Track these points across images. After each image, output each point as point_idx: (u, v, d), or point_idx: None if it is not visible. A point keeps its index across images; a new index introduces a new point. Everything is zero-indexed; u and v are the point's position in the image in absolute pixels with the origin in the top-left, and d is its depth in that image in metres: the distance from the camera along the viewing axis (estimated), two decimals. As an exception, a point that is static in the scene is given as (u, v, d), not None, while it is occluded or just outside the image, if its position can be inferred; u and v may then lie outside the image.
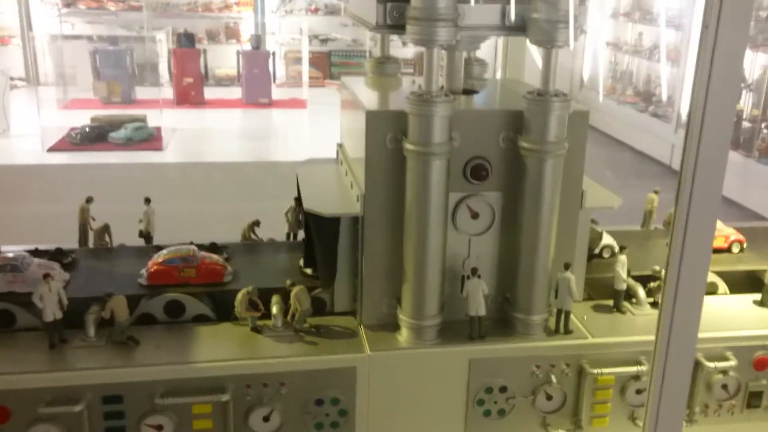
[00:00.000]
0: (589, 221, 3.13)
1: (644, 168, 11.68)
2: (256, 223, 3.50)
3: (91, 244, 3.44)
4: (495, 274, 2.95)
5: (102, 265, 3.28)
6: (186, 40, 9.39)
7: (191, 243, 3.19)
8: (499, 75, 4.15)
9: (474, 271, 2.82)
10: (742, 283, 3.37)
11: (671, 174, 11.31)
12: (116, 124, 7.80)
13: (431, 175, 2.67)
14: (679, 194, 2.36)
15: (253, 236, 3.49)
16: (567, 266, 2.87)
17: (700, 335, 2.95)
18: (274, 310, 2.87)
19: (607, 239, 3.50)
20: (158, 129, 7.69)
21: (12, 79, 11.97)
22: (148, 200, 3.44)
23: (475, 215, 2.86)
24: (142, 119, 7.94)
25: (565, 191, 2.87)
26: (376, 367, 2.77)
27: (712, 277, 3.29)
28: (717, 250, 3.56)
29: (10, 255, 3.02)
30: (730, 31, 2.22)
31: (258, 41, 9.57)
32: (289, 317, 2.87)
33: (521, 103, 2.73)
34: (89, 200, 3.44)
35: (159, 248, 3.18)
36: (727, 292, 3.30)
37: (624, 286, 3.08)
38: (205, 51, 10.30)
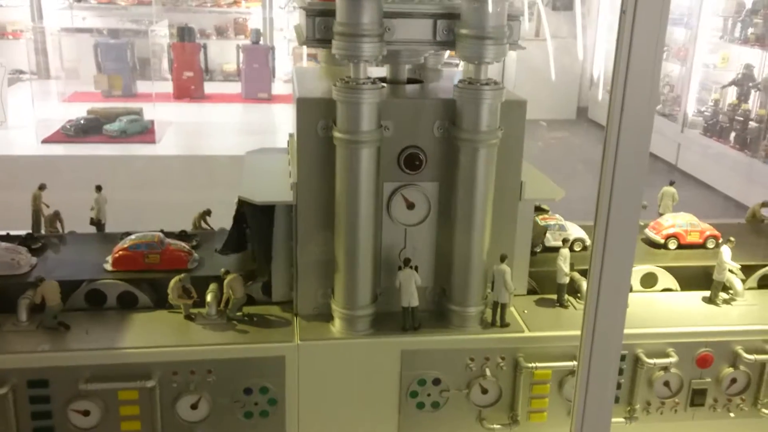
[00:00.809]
0: (532, 213, 3.08)
1: (650, 167, 11.54)
2: (207, 213, 3.50)
3: (42, 230, 3.45)
4: (432, 265, 2.92)
5: (70, 250, 3.30)
6: (186, 34, 9.42)
7: (161, 231, 3.21)
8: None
9: (406, 261, 2.79)
10: (697, 279, 3.30)
11: (677, 172, 11.19)
12: (112, 116, 7.83)
13: (360, 163, 2.65)
14: (601, 189, 2.32)
15: (204, 225, 3.49)
16: (503, 258, 2.83)
17: (640, 331, 2.93)
18: (208, 298, 2.86)
19: (578, 232, 3.47)
20: (152, 122, 7.72)
21: (23, 72, 12.14)
22: (99, 188, 3.46)
23: (410, 205, 2.83)
24: (138, 112, 7.97)
25: (503, 182, 2.84)
26: (305, 357, 2.75)
27: (658, 272, 3.23)
28: (693, 246, 3.52)
29: None
30: (647, 17, 2.18)
31: (258, 36, 9.58)
32: (221, 305, 2.86)
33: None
34: (42, 187, 3.46)
35: (128, 234, 3.19)
36: (678, 288, 3.24)
37: (566, 280, 3.04)
38: (205, 45, 10.32)
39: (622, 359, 2.90)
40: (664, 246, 3.51)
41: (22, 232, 3.34)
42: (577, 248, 3.42)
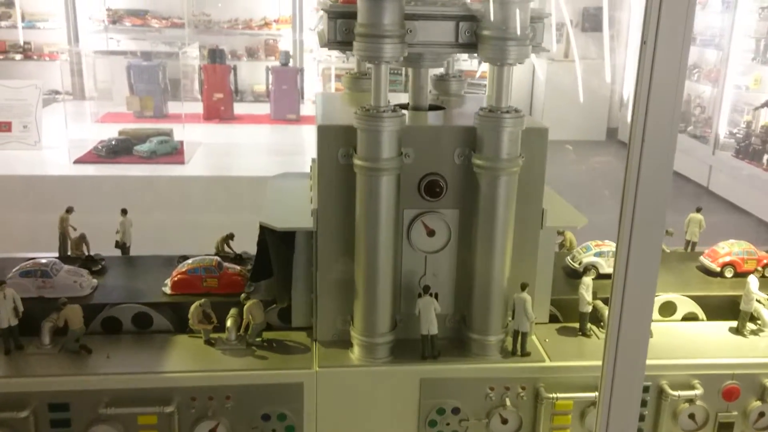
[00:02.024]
0: (554, 241, 3.06)
1: (681, 189, 11.42)
2: (230, 237, 3.51)
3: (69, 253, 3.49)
4: (453, 292, 2.91)
5: (129, 273, 3.36)
6: (217, 56, 9.53)
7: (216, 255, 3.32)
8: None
9: (426, 289, 2.78)
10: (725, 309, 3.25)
11: (708, 195, 11.05)
12: (142, 137, 7.92)
13: (380, 190, 2.65)
14: (622, 217, 2.29)
15: (227, 249, 3.50)
16: (524, 287, 2.81)
17: (665, 362, 2.89)
18: (228, 323, 2.87)
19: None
20: (181, 143, 7.80)
21: (59, 93, 12.38)
22: (124, 211, 3.49)
23: (431, 233, 2.82)
24: (168, 133, 8.06)
25: (524, 210, 2.82)
26: (324, 384, 2.74)
27: (685, 302, 3.18)
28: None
29: (42, 261, 3.12)
30: (668, 47, 2.16)
31: (287, 58, 9.65)
32: (241, 331, 2.87)
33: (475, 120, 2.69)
34: (69, 210, 3.50)
35: (185, 258, 3.25)
36: (704, 318, 3.19)
37: (588, 309, 3.00)
38: (235, 67, 10.43)
39: (645, 390, 2.86)
40: (720, 274, 3.45)
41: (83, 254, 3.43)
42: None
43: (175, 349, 2.83)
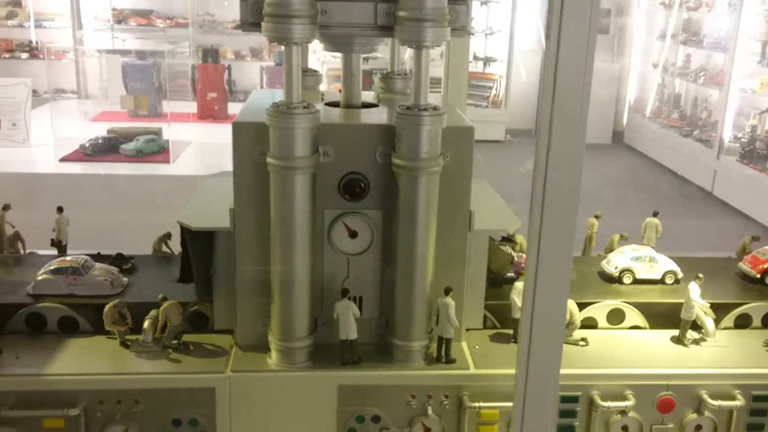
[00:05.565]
0: (485, 243, 2.94)
1: (684, 193, 11.23)
2: (168, 236, 3.44)
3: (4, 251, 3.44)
4: (377, 296, 2.81)
5: (159, 271, 3.31)
6: (210, 56, 9.49)
7: None
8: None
9: (344, 292, 2.68)
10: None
11: (711, 200, 10.85)
12: (130, 136, 7.90)
13: (295, 190, 2.56)
14: (531, 218, 2.19)
15: (164, 249, 3.43)
16: (447, 291, 2.70)
17: (596, 371, 2.78)
18: (145, 324, 2.79)
19: (668, 265, 3.32)
20: (167, 142, 7.76)
21: (64, 92, 12.43)
22: (60, 209, 3.43)
23: (353, 234, 2.73)
24: (156, 132, 8.03)
25: (450, 212, 2.72)
26: (237, 389, 2.65)
27: (627, 309, 3.06)
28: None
29: (72, 258, 3.08)
30: (572, 42, 2.05)
31: (281, 57, 9.60)
32: (158, 333, 2.79)
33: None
34: (6, 207, 3.45)
35: None
36: (647, 326, 3.07)
37: (520, 315, 2.88)
38: (230, 66, 10.39)
39: (575, 401, 2.74)
40: (761, 281, 3.32)
41: (112, 252, 3.37)
42: (668, 281, 3.28)
43: (89, 351, 2.76)
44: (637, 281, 3.27)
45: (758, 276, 3.33)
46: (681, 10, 12.54)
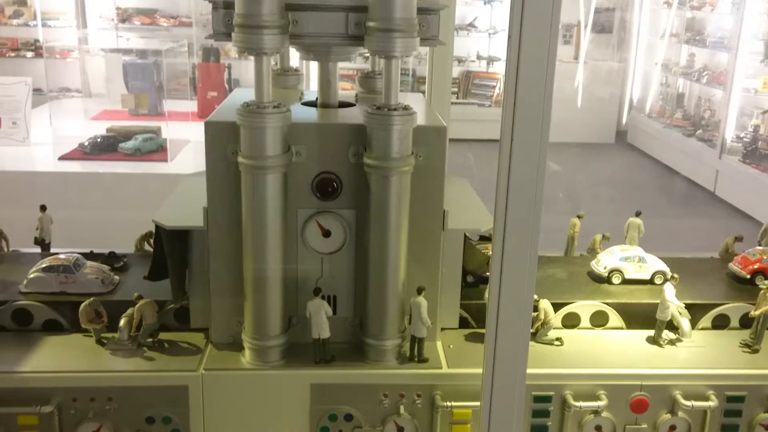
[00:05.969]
0: (460, 243, 2.94)
1: (687, 194, 11.19)
2: (150, 235, 3.46)
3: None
4: (351, 296, 2.81)
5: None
6: (211, 55, 9.52)
7: None
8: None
9: (317, 291, 2.69)
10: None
11: (714, 201, 10.80)
12: (129, 134, 7.94)
13: (266, 189, 2.57)
14: (496, 218, 2.19)
15: (147, 247, 3.45)
16: (420, 290, 2.71)
17: (568, 371, 2.77)
18: (121, 322, 2.80)
19: (658, 265, 3.31)
20: (165, 140, 7.80)
21: (69, 90, 12.48)
22: (43, 207, 3.46)
23: (326, 233, 2.74)
24: (155, 131, 8.07)
25: (423, 211, 2.72)
26: (209, 388, 2.67)
27: (603, 309, 3.06)
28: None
29: (64, 256, 3.10)
30: (533, 41, 2.06)
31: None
32: (132, 331, 2.80)
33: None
34: (-10, 206, 3.47)
35: None
36: (624, 326, 3.06)
37: (495, 315, 2.88)
38: (230, 65, 10.42)
39: (547, 400, 2.74)
40: (751, 282, 3.31)
41: (105, 251, 3.39)
42: (658, 281, 3.26)
43: (64, 348, 2.78)
44: (626, 281, 3.26)
45: (748, 276, 3.32)
46: (683, 9, 12.49)
